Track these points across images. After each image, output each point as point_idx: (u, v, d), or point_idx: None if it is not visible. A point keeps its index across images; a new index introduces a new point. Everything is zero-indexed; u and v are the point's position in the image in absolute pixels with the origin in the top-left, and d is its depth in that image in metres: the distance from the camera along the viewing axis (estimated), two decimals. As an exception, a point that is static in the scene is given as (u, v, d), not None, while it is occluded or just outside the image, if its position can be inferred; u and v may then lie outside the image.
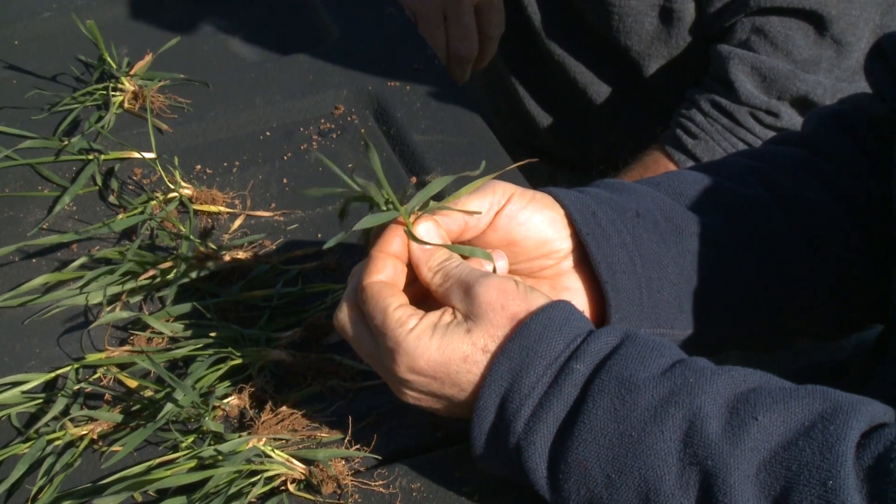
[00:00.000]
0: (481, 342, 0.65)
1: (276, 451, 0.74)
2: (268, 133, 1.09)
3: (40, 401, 0.81)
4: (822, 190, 0.82)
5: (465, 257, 0.72)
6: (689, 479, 0.59)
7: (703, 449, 0.59)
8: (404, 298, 0.69)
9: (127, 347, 0.85)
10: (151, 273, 0.90)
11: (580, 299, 0.76)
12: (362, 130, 1.05)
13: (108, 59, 1.11)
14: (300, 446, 0.76)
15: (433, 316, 0.67)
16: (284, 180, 1.03)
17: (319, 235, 0.97)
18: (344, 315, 0.71)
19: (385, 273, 0.70)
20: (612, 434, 0.61)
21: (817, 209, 0.81)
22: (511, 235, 0.74)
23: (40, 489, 0.75)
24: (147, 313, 0.87)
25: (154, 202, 0.97)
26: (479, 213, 0.72)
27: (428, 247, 0.71)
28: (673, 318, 0.77)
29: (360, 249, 0.95)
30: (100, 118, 1.07)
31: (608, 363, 0.63)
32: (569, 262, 0.76)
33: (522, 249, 0.75)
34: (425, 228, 0.71)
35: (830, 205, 0.82)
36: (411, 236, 0.70)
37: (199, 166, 1.05)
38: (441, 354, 0.65)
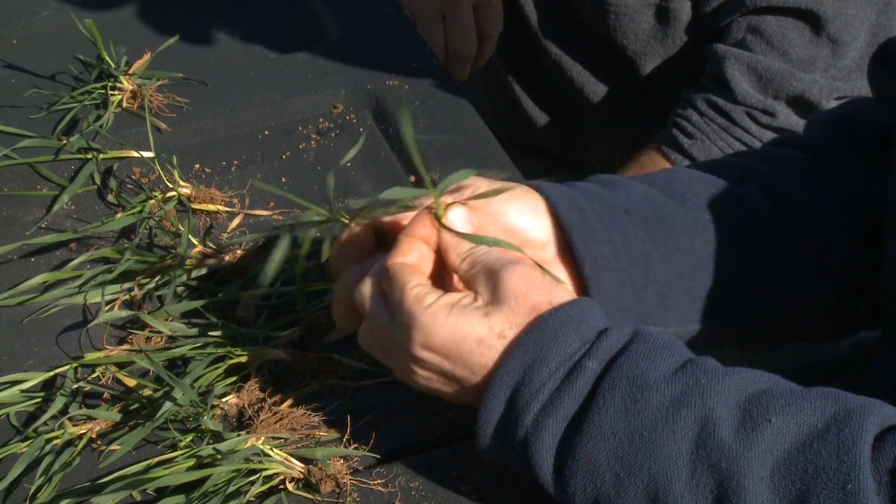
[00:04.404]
0: (498, 327, 0.65)
1: (274, 449, 0.74)
2: (266, 132, 1.09)
3: (39, 400, 0.82)
4: (822, 193, 0.82)
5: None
6: (701, 482, 0.59)
7: (717, 451, 0.59)
8: (425, 279, 0.69)
9: (125, 346, 0.85)
10: (150, 272, 0.90)
11: None
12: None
13: (107, 58, 1.11)
14: (299, 445, 0.76)
15: (452, 296, 0.67)
16: (283, 179, 1.03)
17: (318, 234, 0.97)
18: (366, 290, 0.71)
19: (410, 256, 0.69)
20: (623, 433, 0.61)
21: (815, 212, 0.81)
22: (479, 229, 0.73)
23: (39, 488, 0.75)
24: (146, 312, 0.87)
25: (153, 201, 0.98)
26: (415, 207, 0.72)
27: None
28: (656, 315, 0.77)
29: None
30: (98, 117, 1.07)
31: (619, 360, 0.63)
32: (549, 252, 0.75)
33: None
34: (457, 215, 0.71)
35: (829, 208, 0.82)
36: (440, 223, 0.70)
37: (197, 165, 1.05)
38: (455, 332, 0.65)
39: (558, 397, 0.63)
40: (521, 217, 0.74)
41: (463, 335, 0.65)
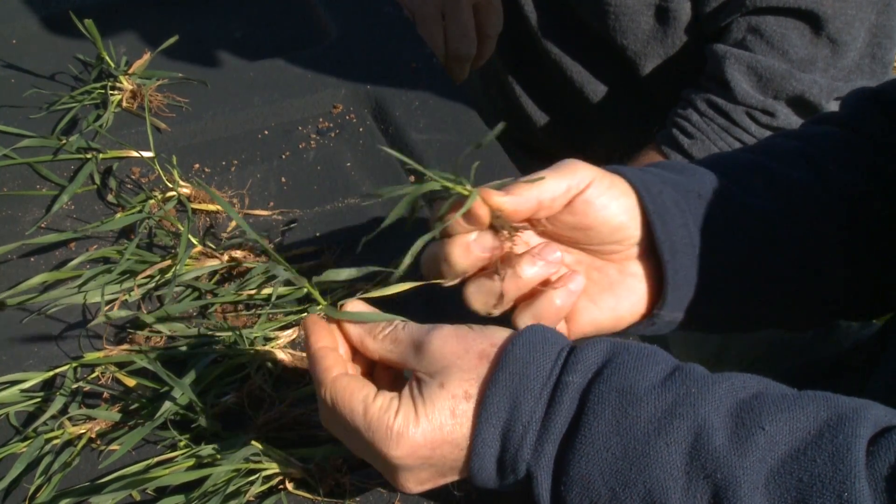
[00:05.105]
0: (460, 391, 0.64)
1: (274, 449, 0.74)
2: (266, 132, 1.09)
3: (38, 399, 0.82)
4: (863, 171, 0.83)
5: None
6: (697, 493, 0.58)
7: (712, 462, 0.58)
8: (371, 384, 0.67)
9: (125, 346, 0.85)
10: (150, 272, 0.90)
11: (641, 284, 0.77)
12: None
13: (107, 57, 1.11)
14: (299, 445, 0.76)
15: (406, 390, 0.65)
16: (283, 179, 1.03)
17: (318, 234, 0.97)
18: (328, 420, 0.69)
19: (339, 367, 0.67)
20: (616, 447, 0.60)
21: (858, 190, 0.82)
22: (588, 220, 0.74)
23: (38, 488, 0.75)
24: (145, 312, 0.87)
25: (152, 201, 0.98)
26: (542, 178, 0.72)
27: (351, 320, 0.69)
28: (720, 298, 0.78)
29: (356, 249, 0.95)
30: (98, 117, 1.07)
31: (605, 373, 0.62)
32: (635, 250, 0.76)
33: (597, 234, 0.75)
34: (352, 307, 0.70)
35: (870, 185, 0.82)
36: (331, 311, 0.69)
37: (197, 165, 1.05)
38: (430, 420, 0.63)
39: (550, 421, 0.62)
40: (626, 215, 0.75)
41: (438, 418, 0.63)
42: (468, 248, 0.71)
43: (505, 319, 0.73)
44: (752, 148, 0.87)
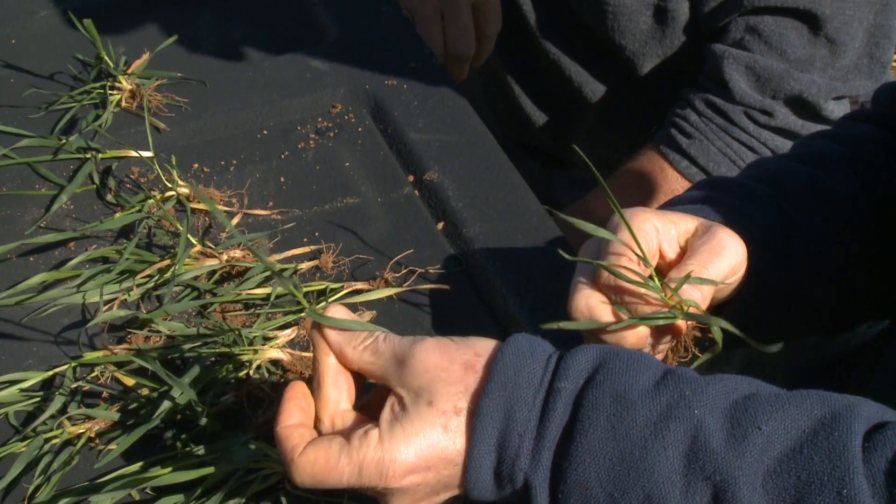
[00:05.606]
0: (449, 406, 0.62)
1: (273, 449, 0.74)
2: (265, 132, 1.09)
3: (38, 399, 0.82)
4: None
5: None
6: (696, 494, 0.58)
7: (711, 463, 0.58)
8: (337, 435, 0.65)
9: (124, 346, 0.85)
10: (149, 271, 0.90)
11: None
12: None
13: (106, 57, 1.12)
14: (297, 444, 0.76)
15: (386, 413, 0.63)
16: (282, 179, 1.03)
17: (317, 234, 0.97)
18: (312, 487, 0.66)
19: (301, 437, 0.64)
20: (612, 453, 0.60)
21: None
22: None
23: (37, 487, 0.76)
24: (144, 312, 0.87)
25: (151, 201, 0.98)
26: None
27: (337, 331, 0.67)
28: (774, 319, 0.80)
29: (355, 249, 0.95)
30: (97, 117, 1.07)
31: (597, 378, 0.62)
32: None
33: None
34: (338, 313, 0.67)
35: None
36: (315, 315, 0.67)
37: (196, 165, 1.05)
38: (423, 439, 0.62)
39: (545, 428, 0.61)
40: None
41: (430, 438, 0.62)
42: (643, 343, 0.72)
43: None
44: (804, 156, 0.87)
